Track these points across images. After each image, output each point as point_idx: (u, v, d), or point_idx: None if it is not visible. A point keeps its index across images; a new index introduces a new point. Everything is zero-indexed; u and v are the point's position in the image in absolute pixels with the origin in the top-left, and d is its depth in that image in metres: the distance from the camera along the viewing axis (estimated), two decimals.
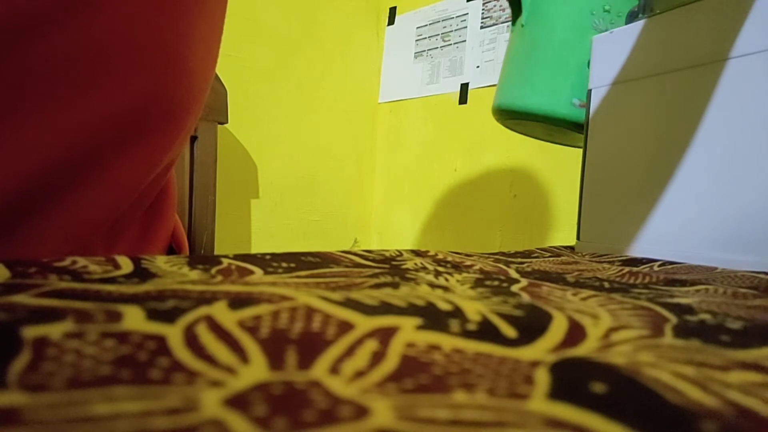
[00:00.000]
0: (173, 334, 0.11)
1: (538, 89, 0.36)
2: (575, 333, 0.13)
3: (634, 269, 0.31)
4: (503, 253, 0.37)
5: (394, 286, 0.17)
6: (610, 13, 0.35)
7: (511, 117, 0.39)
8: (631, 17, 0.45)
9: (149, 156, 0.26)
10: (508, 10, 0.89)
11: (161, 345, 0.10)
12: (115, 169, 0.25)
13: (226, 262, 0.20)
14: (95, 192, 0.24)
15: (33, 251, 0.23)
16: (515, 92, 0.37)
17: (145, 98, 0.24)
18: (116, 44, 0.22)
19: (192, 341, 0.10)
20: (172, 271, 0.18)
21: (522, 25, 0.38)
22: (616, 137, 0.43)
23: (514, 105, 0.37)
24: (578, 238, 0.46)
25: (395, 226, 1.07)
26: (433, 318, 0.13)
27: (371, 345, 0.11)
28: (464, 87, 0.96)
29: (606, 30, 0.34)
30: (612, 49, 0.44)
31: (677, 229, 0.38)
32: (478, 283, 0.20)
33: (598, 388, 0.10)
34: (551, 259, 0.36)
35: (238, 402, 0.08)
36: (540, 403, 0.09)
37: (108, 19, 0.21)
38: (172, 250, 0.34)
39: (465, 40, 0.97)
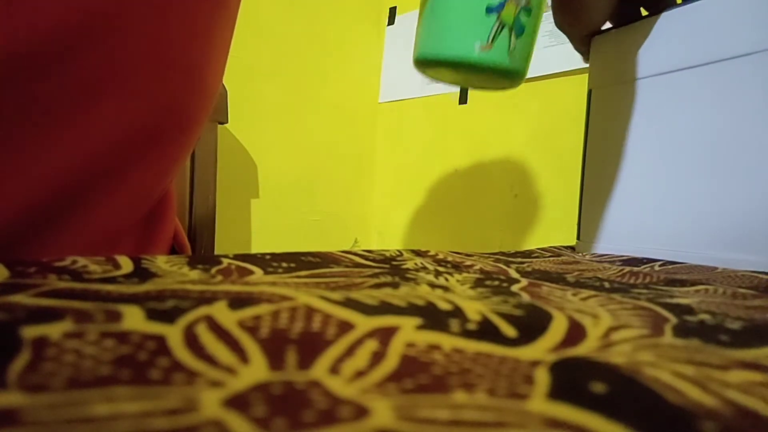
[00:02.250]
0: (173, 334, 0.11)
1: (446, 37, 0.42)
2: (575, 333, 0.13)
3: (635, 269, 0.31)
4: (503, 253, 0.37)
5: (394, 286, 0.17)
6: None
7: (427, 66, 0.44)
8: None
9: (162, 166, 0.27)
10: None
11: (161, 345, 0.10)
12: (131, 180, 0.25)
13: (226, 261, 0.20)
14: (112, 202, 0.25)
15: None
16: (428, 43, 0.43)
17: (163, 113, 0.25)
18: (138, 65, 0.23)
19: (192, 341, 0.10)
20: (172, 271, 0.18)
21: None
22: (616, 137, 0.43)
23: (428, 54, 0.42)
24: (578, 238, 0.46)
25: (395, 226, 1.07)
26: (433, 318, 0.13)
27: (371, 345, 0.11)
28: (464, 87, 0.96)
29: None
30: (612, 49, 0.44)
31: (677, 229, 0.38)
32: (478, 283, 0.20)
33: (598, 387, 0.10)
34: (551, 258, 0.36)
35: (238, 402, 0.08)
36: (540, 403, 0.09)
37: (131, 42, 0.22)
38: (174, 252, 0.34)
39: None
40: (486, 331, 0.13)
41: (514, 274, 0.25)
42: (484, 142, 0.92)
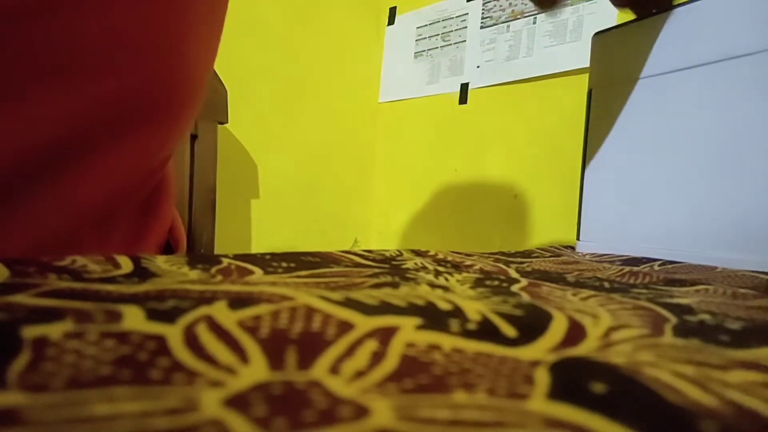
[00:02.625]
0: (173, 334, 0.11)
1: None
2: (575, 332, 0.13)
3: (635, 269, 0.31)
4: (503, 253, 0.37)
5: (394, 285, 0.17)
6: None
7: None
8: None
9: (143, 147, 0.27)
10: (509, 10, 0.89)
11: (161, 345, 0.10)
12: (111, 156, 0.25)
13: (226, 261, 0.20)
14: (88, 177, 0.25)
15: (22, 230, 0.23)
16: None
17: (141, 89, 0.25)
18: (115, 36, 0.22)
19: (192, 341, 0.10)
20: (172, 271, 0.18)
21: None
22: (616, 137, 0.43)
23: None
24: (578, 238, 0.46)
25: (395, 226, 1.07)
26: (433, 318, 0.13)
27: (371, 345, 0.11)
28: (464, 87, 0.96)
29: None
30: (612, 49, 0.44)
31: (677, 229, 0.38)
32: (478, 283, 0.20)
33: (598, 387, 0.10)
34: (551, 258, 0.36)
35: (238, 402, 0.08)
36: (540, 402, 0.09)
37: (107, 11, 0.22)
38: (169, 244, 0.34)
39: (465, 40, 0.97)
40: (486, 331, 0.13)
41: (514, 274, 0.25)
42: (484, 142, 0.92)
